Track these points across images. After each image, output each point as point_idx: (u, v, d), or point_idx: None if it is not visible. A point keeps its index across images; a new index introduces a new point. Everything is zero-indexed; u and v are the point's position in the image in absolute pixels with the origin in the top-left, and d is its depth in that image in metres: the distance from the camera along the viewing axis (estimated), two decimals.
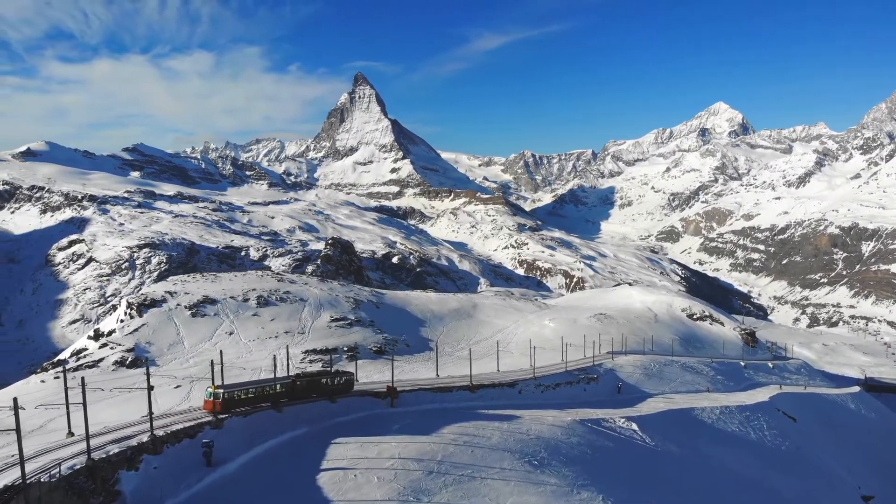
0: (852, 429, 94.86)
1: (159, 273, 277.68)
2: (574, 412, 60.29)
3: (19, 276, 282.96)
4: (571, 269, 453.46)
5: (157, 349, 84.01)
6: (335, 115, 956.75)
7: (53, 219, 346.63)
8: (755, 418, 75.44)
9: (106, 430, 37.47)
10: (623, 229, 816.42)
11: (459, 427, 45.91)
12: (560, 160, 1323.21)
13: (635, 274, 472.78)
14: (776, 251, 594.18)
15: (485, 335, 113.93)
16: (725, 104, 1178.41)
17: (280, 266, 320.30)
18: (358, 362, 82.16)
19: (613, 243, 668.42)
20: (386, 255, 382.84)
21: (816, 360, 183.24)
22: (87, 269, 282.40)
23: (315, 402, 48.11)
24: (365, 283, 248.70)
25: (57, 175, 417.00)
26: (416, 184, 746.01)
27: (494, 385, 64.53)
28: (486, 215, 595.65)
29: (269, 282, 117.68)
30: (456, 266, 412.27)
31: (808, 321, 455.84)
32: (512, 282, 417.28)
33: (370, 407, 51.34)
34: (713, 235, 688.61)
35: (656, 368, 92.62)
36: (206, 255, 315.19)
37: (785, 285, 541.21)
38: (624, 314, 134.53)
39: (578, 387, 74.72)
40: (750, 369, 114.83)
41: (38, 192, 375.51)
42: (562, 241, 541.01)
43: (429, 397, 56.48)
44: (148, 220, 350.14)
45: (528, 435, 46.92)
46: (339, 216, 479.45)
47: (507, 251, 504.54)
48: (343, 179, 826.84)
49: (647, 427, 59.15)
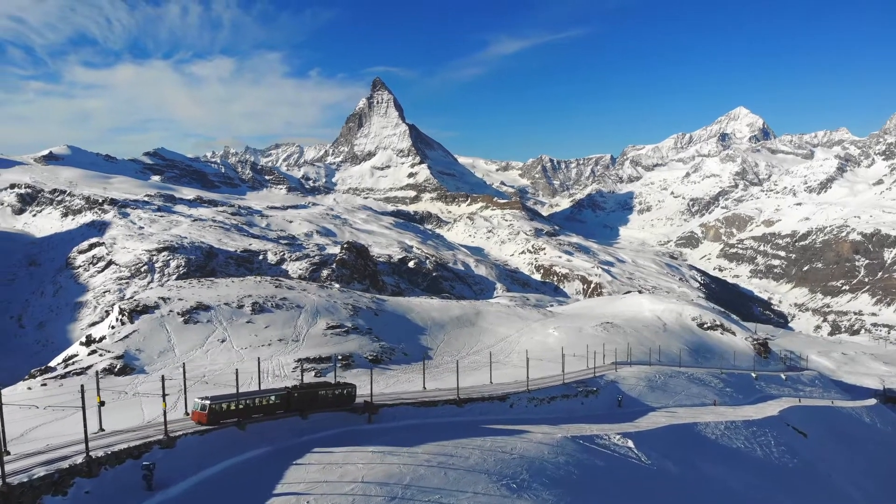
0: (867, 444, 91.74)
1: (178, 276, 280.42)
2: (567, 428, 57.97)
3: (40, 278, 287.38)
4: (589, 274, 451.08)
5: (147, 356, 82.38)
6: (353, 120, 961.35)
7: (74, 222, 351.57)
8: (762, 434, 72.68)
9: (49, 448, 34.94)
10: (642, 235, 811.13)
11: (437, 446, 43.47)
12: (578, 165, 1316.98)
13: (654, 280, 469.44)
14: (797, 258, 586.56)
15: (487, 344, 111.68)
16: (746, 109, 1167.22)
17: (297, 270, 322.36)
18: (353, 371, 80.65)
19: (632, 249, 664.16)
20: (402, 259, 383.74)
21: (835, 370, 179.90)
22: (106, 272, 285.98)
23: (286, 419, 45.49)
24: (380, 287, 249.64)
25: (78, 179, 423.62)
26: (432, 188, 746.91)
27: (484, 399, 61.68)
28: (502, 220, 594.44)
29: (267, 288, 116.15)
30: (472, 271, 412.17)
31: (830, 329, 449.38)
32: (528, 287, 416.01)
33: (345, 423, 48.70)
34: (733, 241, 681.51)
35: (661, 380, 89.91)
36: (224, 259, 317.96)
37: (806, 292, 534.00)
38: (631, 323, 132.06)
39: (576, 400, 72.10)
40: (762, 381, 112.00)
41: (59, 195, 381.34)
42: (579, 246, 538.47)
43: (411, 412, 53.73)
44: (167, 224, 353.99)
45: (510, 454, 44.52)
46: (356, 220, 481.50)
47: (524, 256, 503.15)
48: (361, 184, 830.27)
49: (645, 444, 56.73)
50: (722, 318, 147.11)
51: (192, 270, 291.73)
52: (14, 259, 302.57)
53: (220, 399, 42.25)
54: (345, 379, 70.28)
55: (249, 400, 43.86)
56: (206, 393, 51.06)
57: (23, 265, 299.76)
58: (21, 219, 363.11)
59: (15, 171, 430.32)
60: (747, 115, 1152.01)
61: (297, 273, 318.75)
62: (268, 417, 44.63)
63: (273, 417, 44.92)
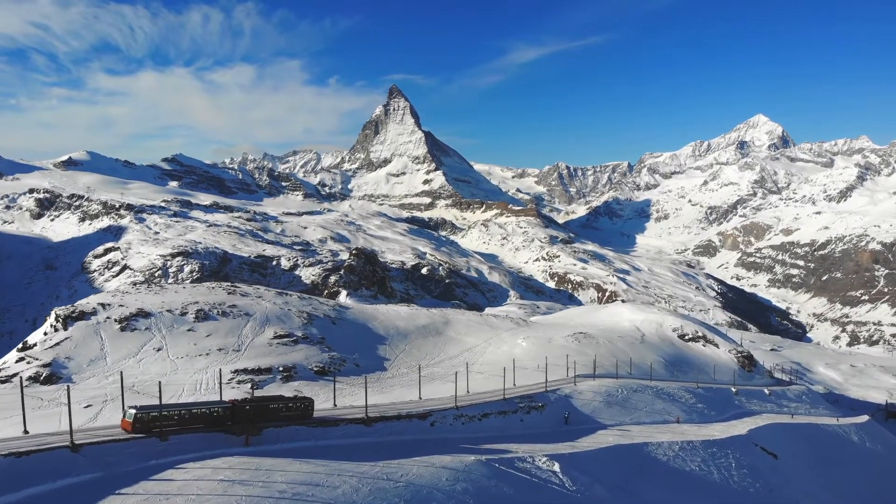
0: (851, 465, 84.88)
1: (192, 281, 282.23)
2: (493, 448, 52.99)
3: (56, 282, 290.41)
4: (604, 282, 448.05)
5: (77, 365, 78.47)
6: (370, 127, 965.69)
7: (91, 227, 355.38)
8: (723, 455, 65.20)
9: None
10: (659, 243, 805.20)
11: (307, 473, 37.20)
12: (595, 172, 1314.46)
13: (670, 289, 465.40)
14: (816, 267, 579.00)
15: (450, 354, 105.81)
16: (765, 116, 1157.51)
17: (310, 276, 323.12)
18: (293, 384, 76.22)
19: (649, 257, 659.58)
20: (415, 266, 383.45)
21: (842, 383, 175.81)
22: (121, 276, 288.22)
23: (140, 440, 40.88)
24: (388, 293, 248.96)
25: (97, 184, 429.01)
26: (447, 195, 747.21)
27: (400, 417, 55.25)
28: (517, 227, 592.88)
29: (219, 294, 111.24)
30: (486, 278, 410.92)
31: (849, 339, 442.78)
32: (542, 294, 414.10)
33: (219, 445, 42.15)
34: (751, 250, 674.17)
35: (622, 395, 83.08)
36: (238, 264, 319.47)
37: (825, 302, 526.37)
38: (607, 333, 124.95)
39: (514, 417, 65.63)
40: (742, 396, 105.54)
41: (77, 200, 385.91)
42: (595, 254, 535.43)
43: (303, 433, 47.62)
44: (183, 229, 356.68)
45: (395, 482, 38.24)
46: (370, 227, 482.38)
47: (538, 263, 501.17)
48: (376, 190, 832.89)
49: (576, 467, 51.05)
50: (705, 330, 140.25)
51: (206, 276, 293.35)
52: (31, 263, 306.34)
53: (151, 409, 41.45)
54: (280, 392, 67.93)
55: (186, 411, 42.49)
56: (142, 402, 49.48)
57: (40, 269, 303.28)
58: (39, 223, 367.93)
59: (35, 177, 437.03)
60: (766, 123, 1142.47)
61: (309, 279, 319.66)
62: (206, 430, 42.93)
63: (206, 431, 42.97)
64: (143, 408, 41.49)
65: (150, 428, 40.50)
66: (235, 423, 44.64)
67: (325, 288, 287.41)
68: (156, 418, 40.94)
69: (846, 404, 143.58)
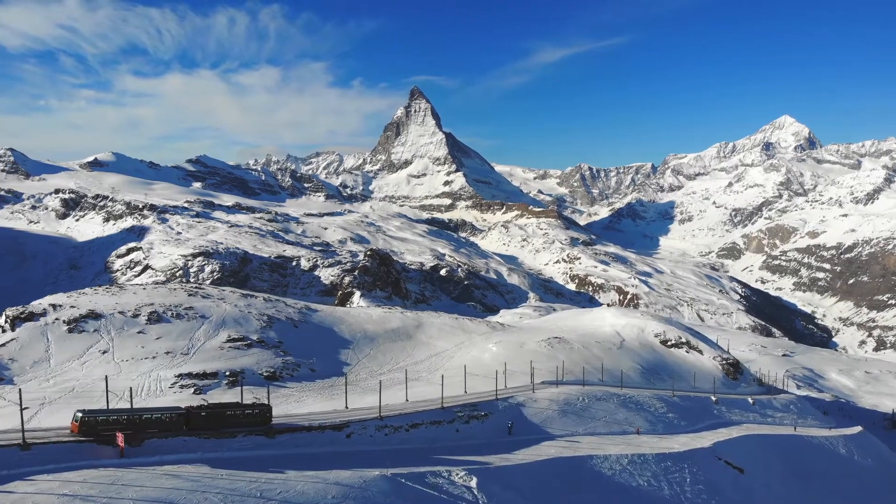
0: (836, 479, 78.87)
1: (212, 281, 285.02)
2: (436, 458, 49.84)
3: (80, 281, 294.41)
4: (625, 285, 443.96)
5: (20, 367, 77.42)
6: (391, 128, 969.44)
7: (115, 227, 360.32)
8: (678, 469, 60.39)
9: None
10: (683, 245, 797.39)
11: (168, 489, 33.60)
12: (618, 173, 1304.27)
13: (692, 292, 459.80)
14: (842, 270, 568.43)
15: (417, 359, 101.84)
16: (791, 118, 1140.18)
17: (329, 276, 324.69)
18: (237, 390, 72.48)
19: (672, 259, 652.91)
20: (434, 267, 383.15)
21: (855, 390, 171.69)
22: (143, 276, 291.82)
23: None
24: (402, 295, 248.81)
25: (122, 185, 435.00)
26: (468, 196, 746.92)
27: (312, 428, 50.86)
28: (537, 229, 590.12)
29: (178, 296, 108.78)
30: (505, 280, 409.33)
31: (875, 344, 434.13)
32: (562, 297, 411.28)
33: (86, 456, 38.28)
34: (776, 253, 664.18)
35: (583, 403, 77.22)
36: (258, 265, 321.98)
37: (851, 306, 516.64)
38: (583, 339, 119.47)
39: (449, 427, 60.30)
40: (722, 405, 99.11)
41: (101, 200, 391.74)
42: (616, 256, 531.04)
43: (193, 444, 43.22)
44: (204, 230, 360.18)
45: (268, 500, 34.61)
46: (390, 228, 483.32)
47: (559, 265, 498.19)
48: (397, 192, 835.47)
49: (499, 482, 46.78)
50: (689, 336, 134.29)
51: (227, 275, 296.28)
52: (56, 262, 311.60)
53: (97, 413, 41.10)
54: (224, 398, 66.10)
55: (136, 416, 41.92)
56: (82, 406, 49.14)
57: (64, 268, 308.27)
58: (64, 223, 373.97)
59: (61, 177, 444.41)
60: (793, 124, 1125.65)
61: (328, 279, 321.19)
62: (159, 436, 42.21)
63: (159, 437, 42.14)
64: (91, 412, 40.93)
65: (97, 432, 39.95)
66: (190, 429, 43.75)
67: (341, 289, 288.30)
68: (104, 422, 40.36)
69: (851, 413, 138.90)
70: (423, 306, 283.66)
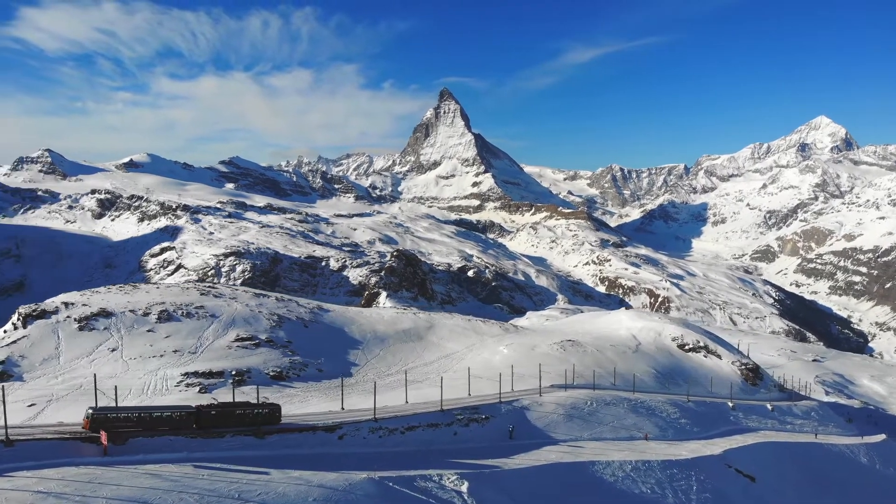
0: (851, 489, 75.15)
1: (243, 280, 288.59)
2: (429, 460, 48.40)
3: (114, 280, 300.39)
4: (656, 288, 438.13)
5: (30, 363, 78.27)
6: (420, 129, 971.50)
7: (149, 227, 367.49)
8: (684, 477, 57.51)
9: None
10: (716, 247, 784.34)
11: (145, 489, 32.84)
12: (650, 174, 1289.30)
13: (725, 295, 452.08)
14: (879, 274, 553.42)
15: (426, 360, 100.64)
16: (827, 118, 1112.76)
17: (357, 276, 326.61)
18: (244, 389, 73.76)
19: (704, 262, 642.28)
20: (461, 268, 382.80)
21: (887, 396, 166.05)
22: (175, 275, 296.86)
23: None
24: (428, 296, 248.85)
25: (156, 185, 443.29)
26: (496, 198, 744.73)
27: (303, 429, 49.59)
28: (567, 230, 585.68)
29: (190, 295, 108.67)
30: (533, 281, 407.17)
31: None
32: (592, 300, 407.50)
33: (70, 453, 37.92)
34: (811, 256, 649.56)
35: (590, 408, 74.92)
36: (288, 265, 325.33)
37: (888, 311, 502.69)
38: (597, 342, 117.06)
39: (447, 430, 58.88)
40: (739, 411, 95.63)
41: (136, 201, 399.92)
42: (647, 258, 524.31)
43: (179, 444, 42.28)
44: (236, 230, 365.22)
45: (245, 502, 33.60)
46: (418, 229, 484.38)
47: (588, 267, 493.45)
48: (426, 193, 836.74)
49: (493, 487, 45.11)
50: (707, 339, 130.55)
51: (257, 275, 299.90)
52: (92, 261, 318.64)
53: (107, 410, 41.35)
54: (228, 397, 65.98)
55: (146, 413, 42.15)
56: (90, 403, 49.29)
57: (99, 267, 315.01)
58: (100, 223, 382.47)
59: (97, 178, 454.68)
60: (829, 125, 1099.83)
61: (357, 279, 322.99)
62: (169, 434, 42.32)
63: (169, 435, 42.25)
64: (102, 409, 41.28)
65: (108, 428, 40.29)
66: (200, 428, 43.92)
67: (368, 289, 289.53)
68: (114, 419, 40.66)
69: (879, 420, 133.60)
70: (450, 307, 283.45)
